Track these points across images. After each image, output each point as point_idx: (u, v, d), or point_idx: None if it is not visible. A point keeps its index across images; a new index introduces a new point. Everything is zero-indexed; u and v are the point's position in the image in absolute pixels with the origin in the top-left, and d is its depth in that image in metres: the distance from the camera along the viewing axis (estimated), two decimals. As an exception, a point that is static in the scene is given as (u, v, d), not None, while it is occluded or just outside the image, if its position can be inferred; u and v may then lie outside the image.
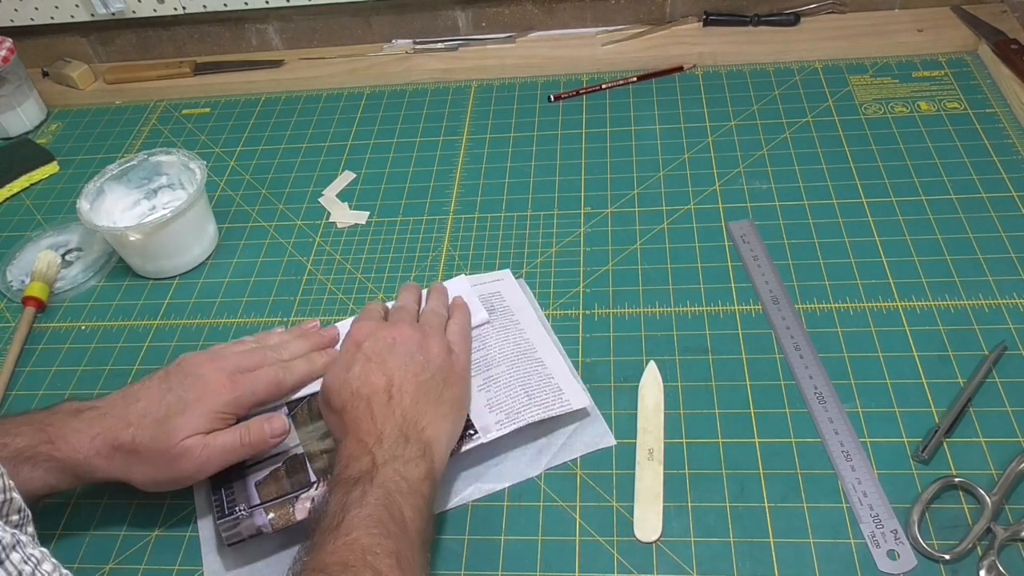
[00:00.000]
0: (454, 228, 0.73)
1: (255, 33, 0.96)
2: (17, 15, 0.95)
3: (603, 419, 0.57)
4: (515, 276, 0.67)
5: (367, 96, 0.91)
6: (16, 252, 0.78)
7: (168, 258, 0.72)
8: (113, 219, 0.74)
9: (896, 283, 0.62)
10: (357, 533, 0.43)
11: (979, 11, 0.84)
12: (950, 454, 0.52)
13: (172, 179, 0.77)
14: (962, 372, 0.56)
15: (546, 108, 0.85)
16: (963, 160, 0.71)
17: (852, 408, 0.55)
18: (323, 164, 0.83)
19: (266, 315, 0.68)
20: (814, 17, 0.88)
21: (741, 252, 0.66)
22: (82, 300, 0.73)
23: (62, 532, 0.56)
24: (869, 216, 0.68)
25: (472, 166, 0.79)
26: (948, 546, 0.48)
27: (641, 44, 0.89)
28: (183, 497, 0.56)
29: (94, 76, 0.98)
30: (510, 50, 0.91)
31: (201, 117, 0.92)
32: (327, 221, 0.76)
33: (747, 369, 0.58)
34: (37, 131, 0.94)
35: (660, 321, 0.62)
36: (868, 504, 0.50)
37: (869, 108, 0.78)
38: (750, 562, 0.49)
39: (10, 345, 0.68)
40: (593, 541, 0.51)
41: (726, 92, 0.82)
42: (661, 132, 0.79)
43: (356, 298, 0.68)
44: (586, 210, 0.73)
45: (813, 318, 0.61)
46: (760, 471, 0.53)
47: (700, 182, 0.73)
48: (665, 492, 0.52)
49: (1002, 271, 0.62)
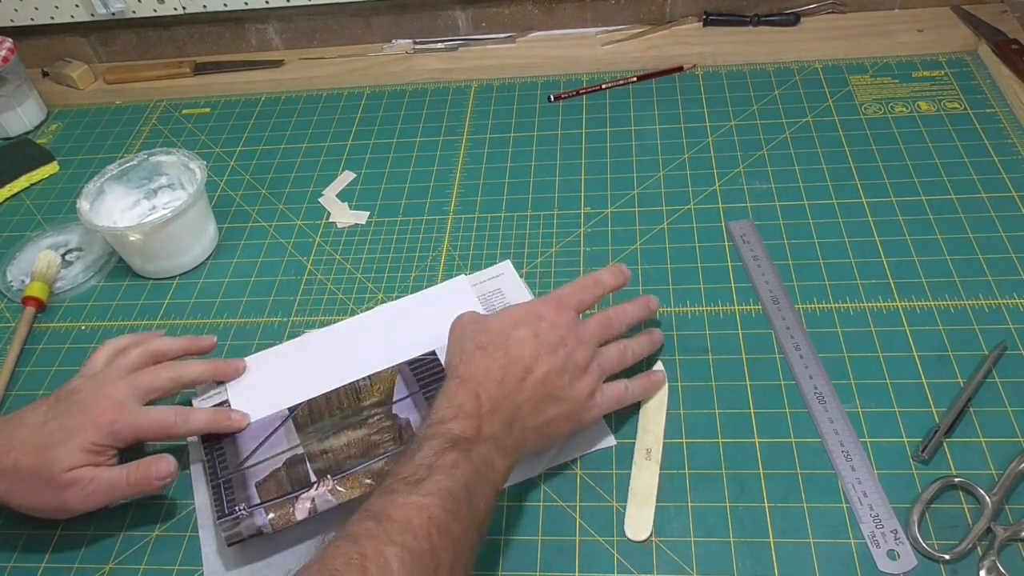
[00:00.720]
0: (454, 228, 0.73)
1: (255, 33, 0.96)
2: (17, 15, 0.95)
3: (603, 419, 0.57)
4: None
5: (367, 96, 0.91)
6: (16, 252, 0.78)
7: (168, 258, 0.72)
8: (113, 219, 0.74)
9: (896, 283, 0.62)
10: (431, 499, 0.42)
11: (979, 11, 0.84)
12: (950, 454, 0.52)
13: (172, 179, 0.77)
14: (962, 372, 0.56)
15: (546, 108, 0.85)
16: (963, 160, 0.71)
17: (852, 408, 0.55)
18: (323, 164, 0.83)
19: (266, 315, 0.68)
20: (814, 17, 0.88)
21: (741, 252, 0.66)
22: (82, 300, 0.73)
23: (62, 532, 0.56)
24: (869, 216, 0.68)
25: (472, 166, 0.79)
26: (948, 546, 0.48)
27: (641, 44, 0.89)
28: (183, 497, 0.56)
29: (94, 76, 0.98)
30: (510, 50, 0.91)
31: (201, 117, 0.92)
32: (327, 221, 0.76)
33: (747, 369, 0.58)
34: (37, 131, 0.94)
35: (660, 321, 0.62)
36: (868, 504, 0.50)
37: (869, 108, 0.78)
38: (750, 562, 0.49)
39: (10, 345, 0.68)
40: (593, 541, 0.51)
41: (726, 92, 0.82)
42: (661, 132, 0.79)
43: (356, 298, 0.68)
44: (586, 210, 0.73)
45: (813, 318, 0.61)
46: (760, 471, 0.53)
47: (700, 182, 0.73)
48: (664, 492, 0.52)
49: (1002, 271, 0.62)
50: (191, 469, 0.58)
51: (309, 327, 0.66)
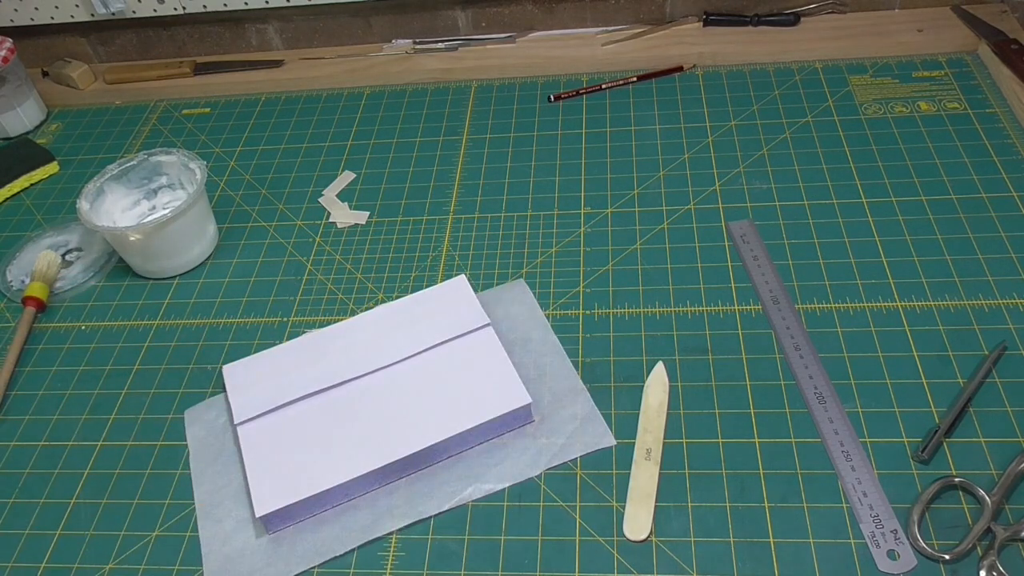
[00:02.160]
0: (454, 228, 0.73)
1: (255, 33, 0.96)
2: (17, 15, 0.95)
3: (603, 419, 0.57)
4: (514, 276, 0.67)
5: (367, 96, 0.91)
6: (16, 252, 0.78)
7: (168, 258, 0.72)
8: (113, 219, 0.74)
9: (896, 283, 0.62)
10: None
11: (979, 11, 0.84)
12: (950, 454, 0.52)
13: (172, 179, 0.77)
14: (962, 372, 0.56)
15: (546, 108, 0.85)
16: (963, 160, 0.71)
17: (852, 408, 0.55)
18: (323, 164, 0.83)
19: (266, 315, 0.68)
20: (814, 17, 0.88)
21: (741, 252, 0.66)
22: (82, 300, 0.73)
23: (62, 532, 0.56)
24: (869, 216, 0.68)
25: (472, 166, 0.79)
26: (948, 546, 0.48)
27: (641, 44, 0.89)
28: (183, 497, 0.56)
29: (94, 76, 0.98)
30: (510, 50, 0.91)
31: (201, 117, 0.92)
32: (327, 221, 0.76)
33: (747, 369, 0.58)
34: (37, 131, 0.94)
35: (660, 321, 0.62)
36: (868, 504, 0.50)
37: (869, 108, 0.78)
38: (750, 562, 0.49)
39: (10, 345, 0.68)
40: (593, 541, 0.51)
41: (726, 92, 0.82)
42: (661, 132, 0.79)
43: (356, 298, 0.68)
44: (586, 210, 0.73)
45: (813, 318, 0.61)
46: (760, 471, 0.53)
47: (700, 182, 0.73)
48: (664, 492, 0.52)
49: (1002, 271, 0.62)
50: (191, 469, 0.58)
51: (309, 327, 0.66)
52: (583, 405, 0.58)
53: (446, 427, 0.54)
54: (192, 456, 0.59)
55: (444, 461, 0.56)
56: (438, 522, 0.53)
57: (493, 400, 0.56)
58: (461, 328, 0.60)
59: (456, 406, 0.56)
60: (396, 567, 0.51)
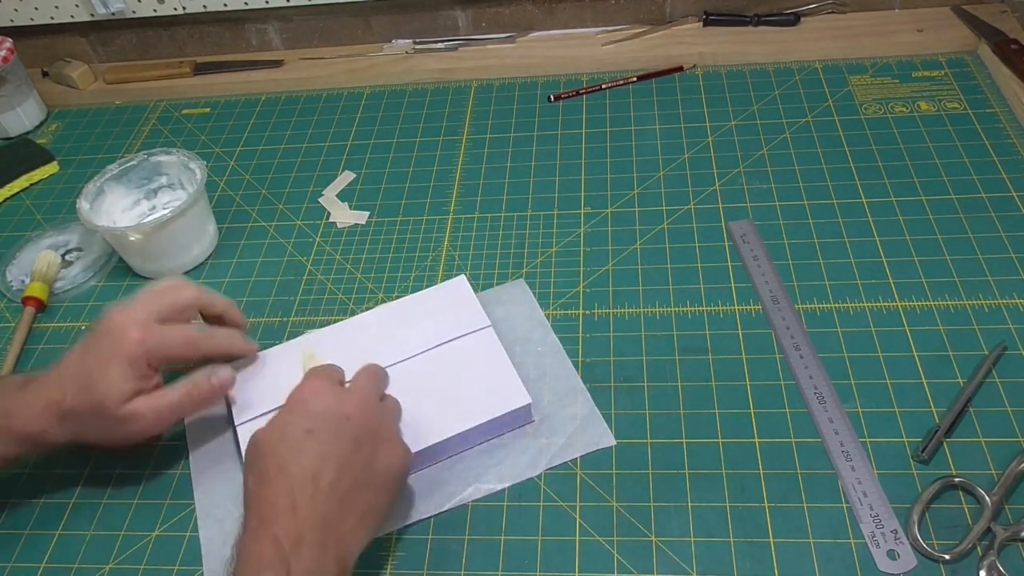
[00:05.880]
0: (454, 228, 0.73)
1: (255, 33, 0.96)
2: (17, 15, 0.95)
3: (603, 419, 0.57)
4: (514, 276, 0.67)
5: (367, 96, 0.91)
6: (16, 252, 0.78)
7: (168, 258, 0.72)
8: (113, 219, 0.74)
9: (896, 283, 0.62)
10: None
11: (979, 11, 0.84)
12: (950, 454, 0.52)
13: (172, 179, 0.77)
14: (962, 372, 0.56)
15: (546, 108, 0.85)
16: (963, 160, 0.71)
17: (852, 408, 0.55)
18: (323, 164, 0.83)
19: (266, 315, 0.68)
20: (814, 17, 0.88)
21: (741, 252, 0.66)
22: (82, 300, 0.73)
23: (62, 532, 0.56)
24: (869, 216, 0.68)
25: (472, 166, 0.79)
26: (948, 546, 0.48)
27: (641, 44, 0.89)
28: (183, 497, 0.56)
29: (94, 76, 0.98)
30: (510, 50, 0.91)
31: (201, 117, 0.92)
32: (327, 221, 0.76)
33: (747, 369, 0.58)
34: (37, 131, 0.94)
35: (660, 321, 0.62)
36: (868, 504, 0.50)
37: (869, 108, 0.78)
38: (750, 562, 0.49)
39: (10, 345, 0.68)
40: (593, 541, 0.51)
41: (726, 92, 0.82)
42: (661, 132, 0.79)
43: (356, 298, 0.68)
44: (586, 210, 0.73)
45: (813, 318, 0.61)
46: (760, 471, 0.53)
47: (700, 182, 0.73)
48: (664, 492, 0.52)
49: (1002, 271, 0.62)
50: (191, 469, 0.58)
51: (309, 327, 0.66)
52: (583, 405, 0.58)
53: (446, 427, 0.54)
54: (192, 456, 0.58)
55: (444, 461, 0.56)
56: (438, 522, 0.53)
57: (493, 400, 0.56)
58: (461, 328, 0.60)
59: (456, 406, 0.56)
60: (396, 567, 0.51)
